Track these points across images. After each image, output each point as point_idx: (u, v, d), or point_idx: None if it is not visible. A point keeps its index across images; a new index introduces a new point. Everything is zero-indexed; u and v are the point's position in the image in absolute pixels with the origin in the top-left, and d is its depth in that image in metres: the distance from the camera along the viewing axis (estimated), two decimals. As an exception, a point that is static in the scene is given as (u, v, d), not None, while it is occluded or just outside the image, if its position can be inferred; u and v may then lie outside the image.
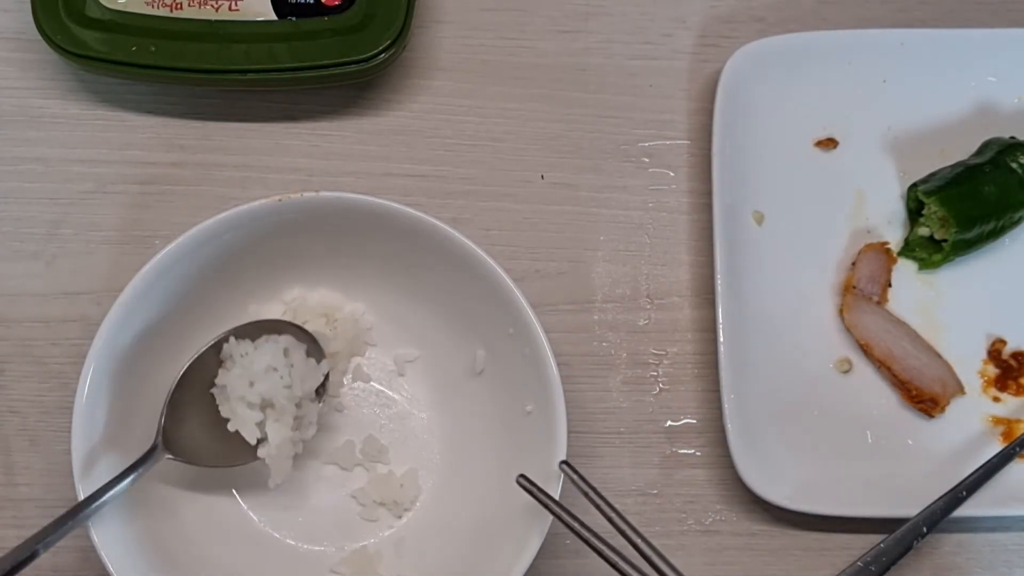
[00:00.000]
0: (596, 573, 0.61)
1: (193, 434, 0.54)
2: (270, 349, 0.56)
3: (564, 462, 0.52)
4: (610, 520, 0.50)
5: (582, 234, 0.65)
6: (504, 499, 0.57)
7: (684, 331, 0.64)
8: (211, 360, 0.56)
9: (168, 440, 0.54)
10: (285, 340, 0.56)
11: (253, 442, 0.55)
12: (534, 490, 0.50)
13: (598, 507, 0.50)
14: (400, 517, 0.59)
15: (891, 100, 0.67)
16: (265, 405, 0.55)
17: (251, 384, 0.55)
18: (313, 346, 0.58)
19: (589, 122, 0.67)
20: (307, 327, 0.59)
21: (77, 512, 0.49)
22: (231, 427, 0.55)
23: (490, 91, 0.67)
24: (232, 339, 0.57)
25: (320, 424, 0.58)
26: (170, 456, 0.53)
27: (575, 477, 0.51)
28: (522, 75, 0.68)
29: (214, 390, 0.56)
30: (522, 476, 0.50)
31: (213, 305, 0.59)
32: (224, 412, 0.55)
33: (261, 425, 0.55)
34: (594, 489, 0.51)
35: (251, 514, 0.58)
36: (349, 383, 0.61)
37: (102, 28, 0.62)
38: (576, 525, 0.49)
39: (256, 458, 0.55)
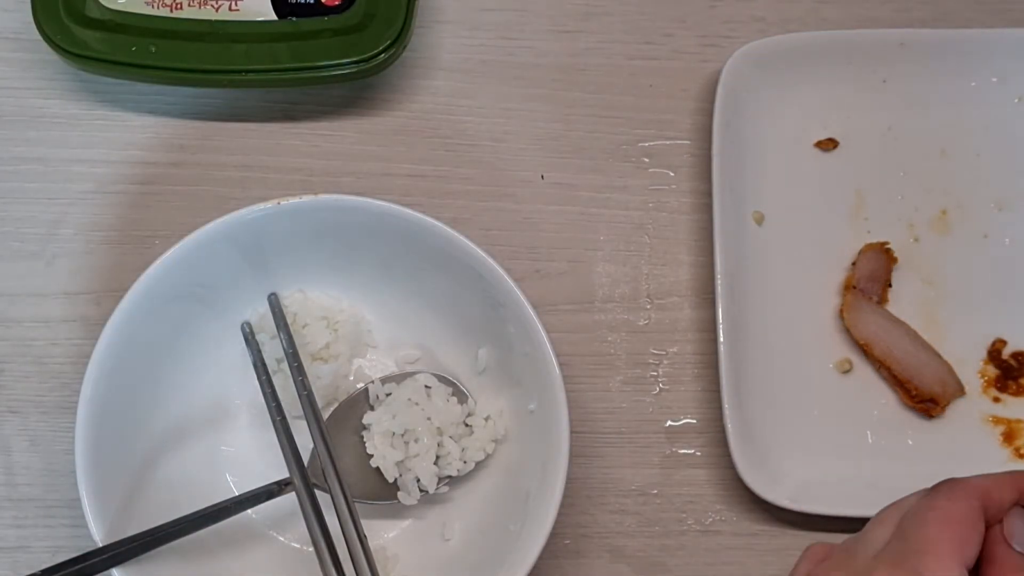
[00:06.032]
0: (596, 573, 0.61)
1: (345, 471, 0.57)
2: (411, 385, 0.59)
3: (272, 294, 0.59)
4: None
5: (582, 234, 0.65)
6: (507, 498, 0.57)
7: (684, 331, 0.64)
8: (360, 405, 0.60)
9: (318, 473, 0.56)
10: (424, 378, 0.59)
11: (391, 479, 0.57)
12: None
13: None
14: (403, 519, 0.59)
15: (891, 100, 0.67)
16: (408, 437, 0.58)
17: (393, 416, 0.57)
18: (456, 389, 0.59)
19: (589, 122, 0.67)
20: (307, 330, 0.59)
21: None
22: (373, 463, 0.57)
23: (490, 91, 0.67)
24: (377, 381, 0.59)
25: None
26: (315, 483, 0.56)
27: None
28: (522, 75, 0.68)
29: (364, 432, 0.58)
30: None
31: (213, 309, 0.59)
32: (369, 448, 0.57)
33: (401, 465, 0.57)
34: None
35: (252, 515, 0.58)
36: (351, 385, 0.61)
37: (102, 28, 0.62)
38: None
39: (395, 498, 0.58)
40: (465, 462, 0.58)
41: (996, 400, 0.63)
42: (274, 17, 0.63)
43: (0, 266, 0.63)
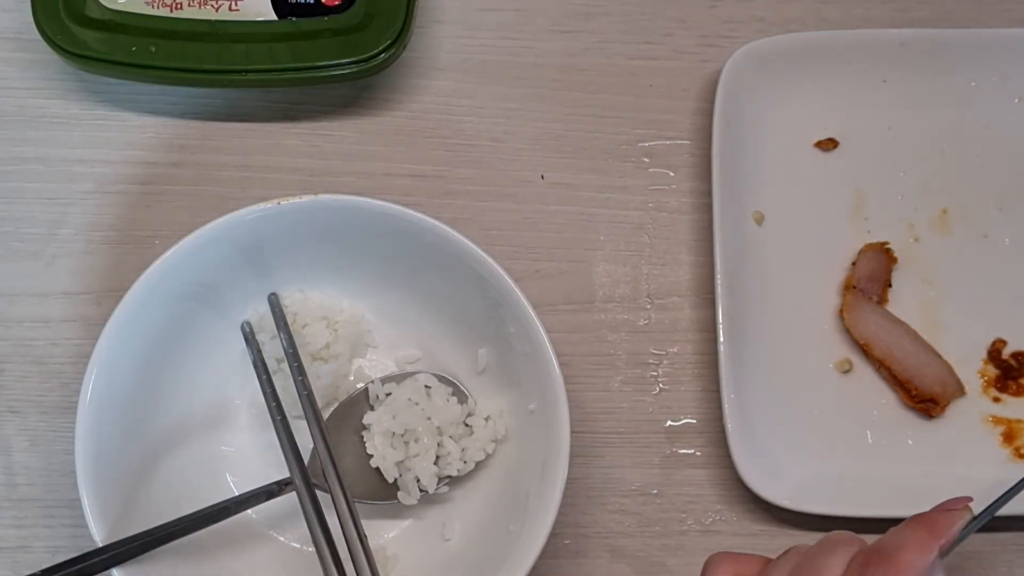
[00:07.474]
0: (596, 573, 0.61)
1: (345, 471, 0.57)
2: (411, 385, 0.59)
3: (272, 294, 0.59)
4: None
5: (582, 234, 0.65)
6: (507, 498, 0.57)
7: (684, 331, 0.64)
8: (360, 405, 0.60)
9: (318, 473, 0.56)
10: (425, 378, 0.59)
11: (391, 479, 0.57)
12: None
13: None
14: (403, 519, 0.59)
15: (891, 100, 0.67)
16: (408, 437, 0.58)
17: (394, 416, 0.57)
18: (456, 389, 0.59)
19: (589, 122, 0.67)
20: (307, 330, 0.59)
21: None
22: (373, 463, 0.57)
23: (490, 91, 0.67)
24: (377, 381, 0.59)
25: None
26: (315, 483, 0.55)
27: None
28: (522, 75, 0.68)
29: (364, 432, 0.58)
30: None
31: (213, 308, 0.59)
32: (369, 448, 0.58)
33: (401, 465, 0.57)
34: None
35: (252, 515, 0.58)
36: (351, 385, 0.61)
37: (102, 28, 0.62)
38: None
39: (395, 498, 0.58)
40: (465, 462, 0.58)
41: (996, 400, 0.63)
42: (274, 17, 0.63)
43: (0, 266, 0.63)
